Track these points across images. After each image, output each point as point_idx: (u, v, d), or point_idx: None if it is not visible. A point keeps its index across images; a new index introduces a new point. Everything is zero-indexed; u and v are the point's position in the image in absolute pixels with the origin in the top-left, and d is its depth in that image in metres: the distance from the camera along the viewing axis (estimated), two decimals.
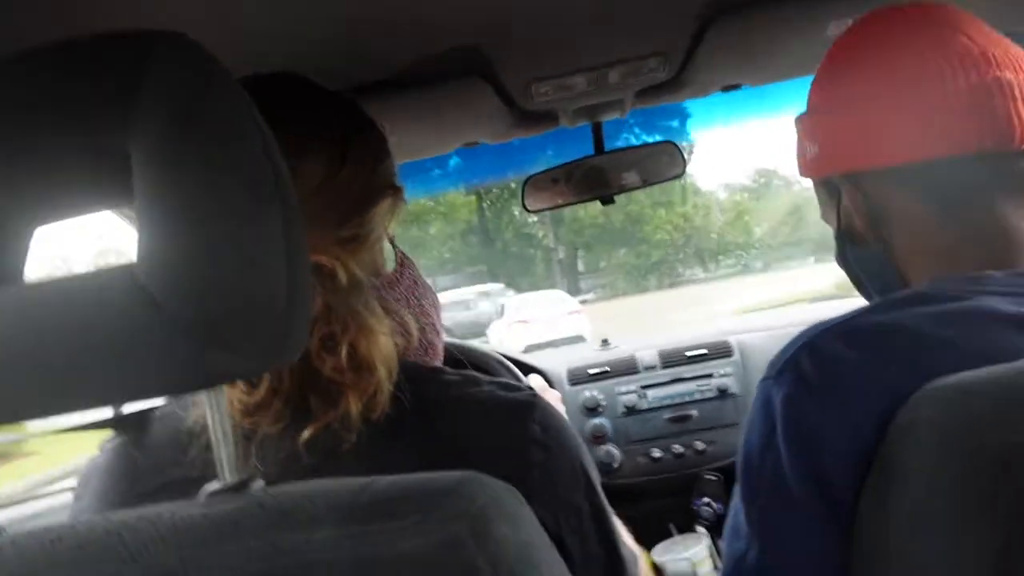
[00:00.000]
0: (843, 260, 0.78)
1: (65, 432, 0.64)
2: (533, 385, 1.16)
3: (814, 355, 0.60)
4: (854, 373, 0.57)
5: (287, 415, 0.59)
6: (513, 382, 0.66)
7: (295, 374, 0.59)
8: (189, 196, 0.40)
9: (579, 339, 9.22)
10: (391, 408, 0.59)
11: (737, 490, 0.67)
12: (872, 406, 0.55)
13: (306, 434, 0.57)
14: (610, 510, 0.69)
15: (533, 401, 0.63)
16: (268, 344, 0.43)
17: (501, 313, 13.82)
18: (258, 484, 0.46)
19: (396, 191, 0.69)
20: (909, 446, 0.51)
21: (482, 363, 1.56)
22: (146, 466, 0.62)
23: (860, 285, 0.78)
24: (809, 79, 0.76)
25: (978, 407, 0.45)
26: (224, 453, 0.46)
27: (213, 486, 0.46)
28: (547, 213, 1.38)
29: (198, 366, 0.41)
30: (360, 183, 0.65)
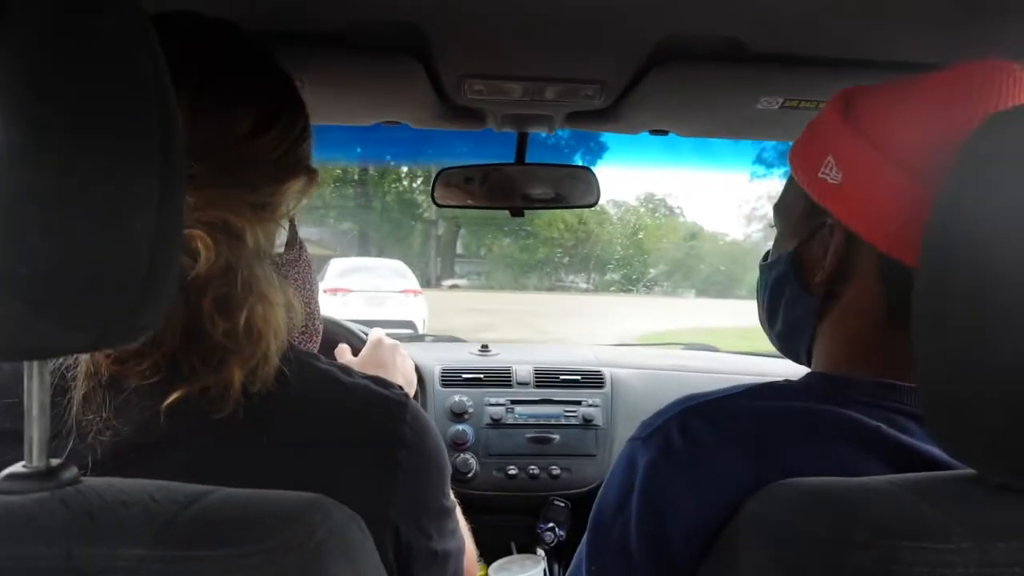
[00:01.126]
0: (772, 285, 0.72)
1: None
2: (373, 336, 1.14)
3: (684, 430, 0.61)
4: (716, 457, 0.59)
5: (163, 370, 0.54)
6: (386, 379, 0.65)
7: (179, 329, 0.54)
8: (49, 132, 0.33)
9: (408, 325, 8.55)
10: (266, 386, 0.56)
11: (584, 540, 0.68)
12: (725, 491, 0.56)
13: (176, 395, 0.53)
14: (454, 504, 0.71)
15: (405, 401, 0.63)
16: (112, 320, 0.37)
17: (322, 275, 10.65)
18: (69, 473, 0.40)
19: (311, 174, 0.67)
20: (748, 537, 0.52)
21: (332, 328, 1.50)
22: None
23: (769, 315, 0.74)
24: (733, 143, 0.76)
25: (819, 516, 0.46)
26: (36, 432, 0.40)
27: (15, 468, 0.39)
28: (432, 178, 1.32)
29: (25, 333, 0.35)
30: (281, 152, 0.63)
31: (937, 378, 0.47)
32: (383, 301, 9.46)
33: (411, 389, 1.12)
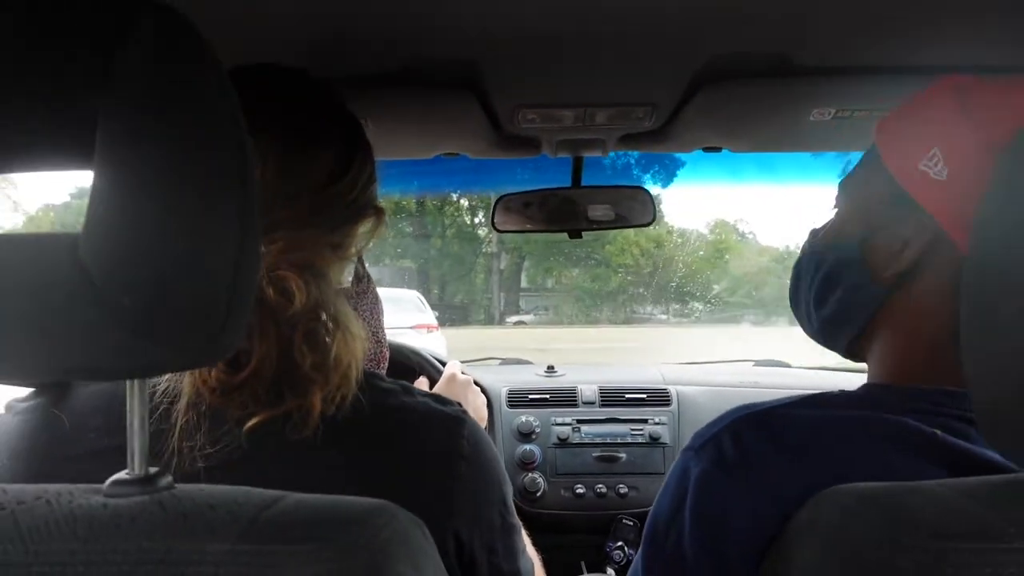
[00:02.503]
0: (832, 267, 0.69)
1: None
2: (449, 371, 1.18)
3: (736, 439, 0.62)
4: (768, 465, 0.59)
5: (262, 402, 0.59)
6: (445, 396, 0.68)
7: (275, 362, 0.59)
8: (148, 176, 0.39)
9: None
10: (342, 411, 0.60)
11: (639, 551, 0.69)
12: (778, 499, 0.57)
13: (257, 419, 0.58)
14: (519, 524, 0.73)
15: (463, 417, 0.66)
16: (201, 343, 0.42)
17: None
18: (166, 480, 0.45)
19: (380, 213, 0.71)
20: (801, 543, 0.53)
21: (401, 357, 1.56)
22: (72, 429, 0.60)
23: (819, 296, 0.71)
24: (787, 155, 0.76)
25: (870, 519, 0.47)
26: (137, 443, 0.45)
27: (120, 476, 0.44)
28: (491, 209, 1.37)
29: (126, 355, 0.40)
30: (355, 195, 0.68)
31: (987, 380, 0.47)
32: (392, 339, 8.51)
33: (482, 424, 1.15)
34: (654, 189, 1.43)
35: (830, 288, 0.70)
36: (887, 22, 0.79)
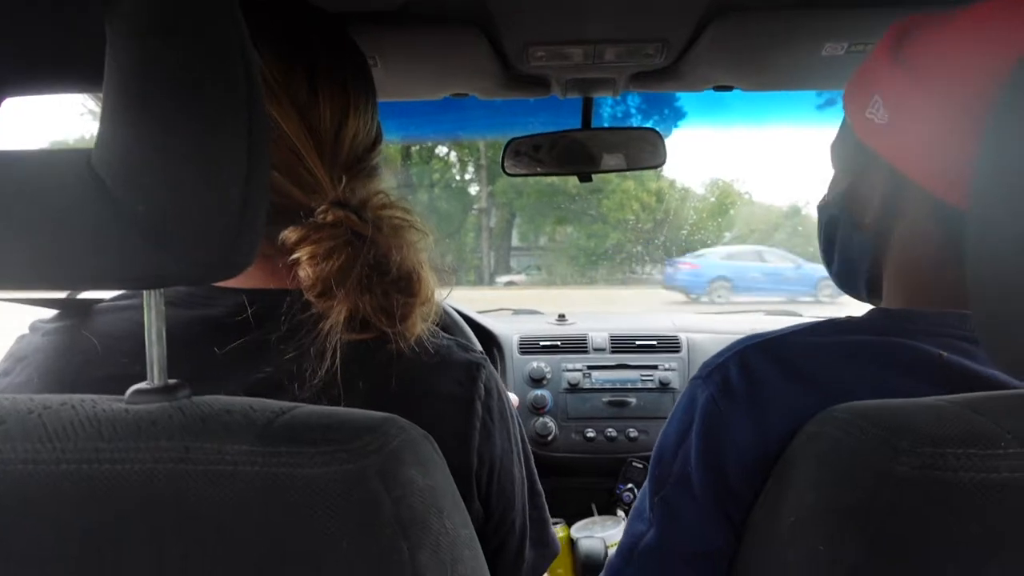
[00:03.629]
0: (827, 224, 0.74)
1: (6, 300, 0.63)
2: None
3: (742, 366, 0.63)
4: (773, 390, 0.60)
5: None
6: (467, 342, 0.69)
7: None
8: (159, 92, 0.39)
9: None
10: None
11: (648, 475, 0.70)
12: (782, 421, 0.58)
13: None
14: (535, 472, 0.74)
15: (483, 364, 0.67)
16: (213, 256, 0.43)
17: None
18: (184, 391, 0.46)
19: (379, 140, 0.73)
20: (803, 459, 0.54)
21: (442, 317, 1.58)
22: (104, 351, 0.61)
23: (826, 254, 0.76)
24: (798, 94, 0.75)
25: (870, 432, 0.48)
26: (155, 354, 0.46)
27: (140, 386, 0.46)
28: (482, 165, 1.37)
29: (142, 263, 0.41)
30: (361, 138, 0.69)
31: (989, 297, 0.47)
32: None
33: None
34: None
35: (831, 244, 0.74)
36: None
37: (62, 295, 0.75)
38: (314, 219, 0.60)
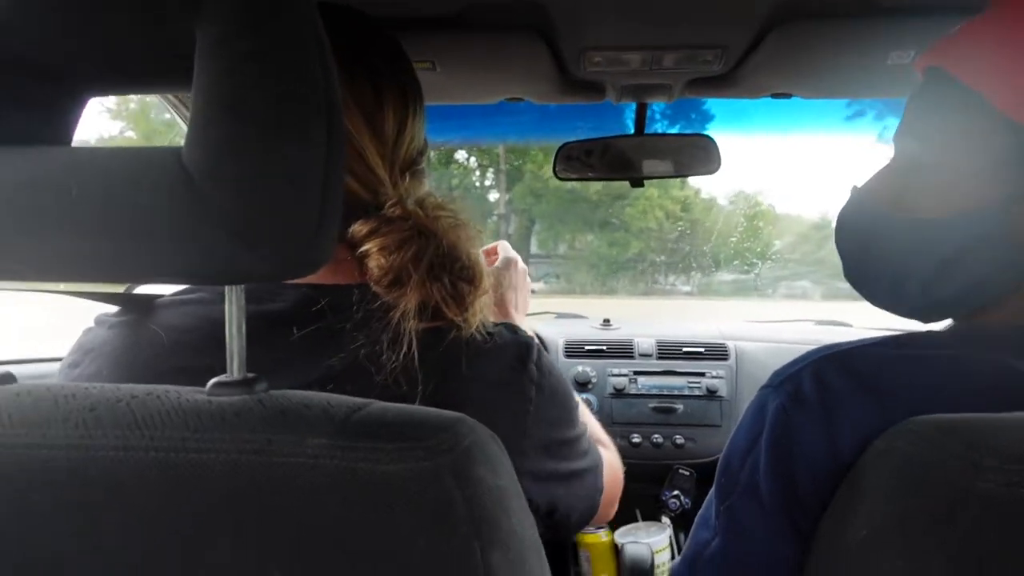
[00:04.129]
0: (960, 245, 0.60)
1: (75, 295, 0.66)
2: (505, 253, 1.14)
3: (815, 378, 0.61)
4: (847, 402, 0.59)
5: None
6: (515, 325, 0.71)
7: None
8: (247, 95, 0.41)
9: None
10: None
11: (714, 483, 0.70)
12: (854, 433, 0.57)
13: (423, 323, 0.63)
14: (584, 429, 0.77)
15: (532, 344, 0.69)
16: (294, 253, 0.44)
17: None
18: (262, 384, 0.48)
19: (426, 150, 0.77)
20: (877, 472, 0.53)
21: None
22: (171, 344, 0.64)
23: (940, 270, 0.62)
24: (827, 104, 0.71)
25: (949, 447, 0.47)
26: (236, 348, 0.48)
27: (220, 378, 0.48)
28: (501, 168, 1.37)
29: (226, 259, 0.43)
30: (415, 147, 0.73)
31: None
32: None
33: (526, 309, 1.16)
34: None
35: (958, 268, 0.61)
36: None
37: (121, 290, 0.78)
38: (384, 213, 0.64)
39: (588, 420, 0.88)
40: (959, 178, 0.60)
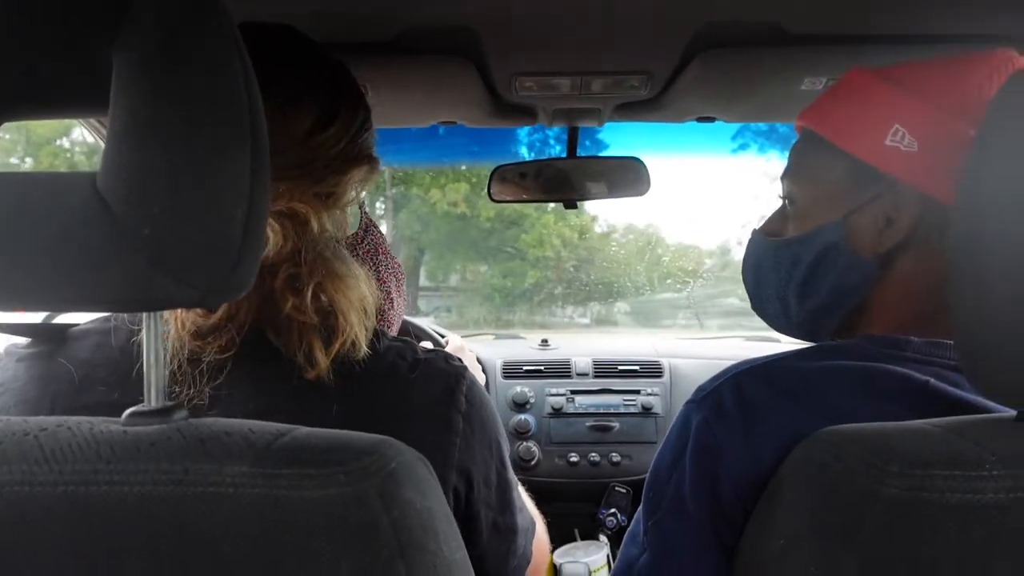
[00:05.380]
0: (818, 255, 0.71)
1: None
2: (452, 343, 1.20)
3: (735, 391, 0.64)
4: (766, 414, 0.61)
5: (236, 345, 0.61)
6: (448, 353, 0.70)
7: (253, 306, 0.61)
8: (163, 118, 0.40)
9: None
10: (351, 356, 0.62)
11: (642, 499, 0.71)
12: (773, 445, 0.59)
13: (272, 367, 0.61)
14: (515, 481, 0.74)
15: (463, 374, 0.68)
16: (215, 278, 0.44)
17: None
18: (181, 413, 0.47)
19: (373, 161, 0.72)
20: (793, 482, 0.55)
21: (412, 330, 1.60)
22: (82, 380, 0.61)
23: (805, 287, 0.72)
24: (776, 125, 0.77)
25: (856, 456, 0.49)
26: (155, 377, 0.47)
27: (137, 408, 0.46)
28: (387, 194, 1.38)
29: (145, 286, 0.42)
30: (342, 146, 0.68)
31: (971, 325, 0.49)
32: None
33: None
34: None
35: (818, 277, 0.71)
36: None
37: (37, 319, 0.75)
38: None
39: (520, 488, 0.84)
40: (815, 203, 0.73)
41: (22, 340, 0.66)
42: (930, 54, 0.68)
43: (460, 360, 0.70)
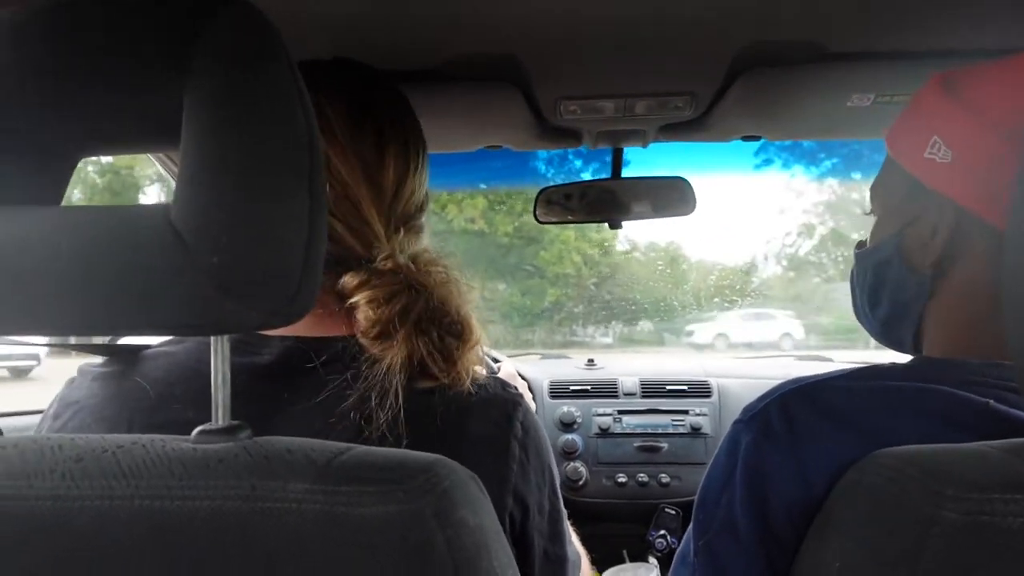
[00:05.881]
0: (875, 269, 0.73)
1: (62, 347, 0.66)
2: (505, 369, 1.21)
3: (783, 411, 0.63)
4: (815, 434, 0.61)
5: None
6: (504, 380, 0.70)
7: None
8: (231, 157, 0.43)
9: None
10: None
11: (692, 520, 0.70)
12: (824, 466, 0.58)
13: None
14: (564, 511, 0.74)
15: (520, 402, 0.68)
16: (278, 303, 0.46)
17: None
18: (245, 432, 0.49)
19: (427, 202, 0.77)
20: (848, 504, 0.54)
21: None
22: (157, 398, 0.64)
23: (871, 300, 0.75)
24: (825, 143, 0.77)
25: (913, 478, 0.48)
26: (221, 397, 0.49)
27: (205, 427, 0.49)
28: None
29: (214, 310, 0.44)
30: (417, 199, 0.74)
31: None
32: None
33: None
34: None
35: (878, 290, 0.73)
36: (921, 6, 0.80)
37: (105, 340, 0.79)
38: (375, 265, 0.64)
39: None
40: (884, 215, 0.74)
41: (96, 359, 0.69)
42: None
43: (516, 388, 0.70)
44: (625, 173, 1.38)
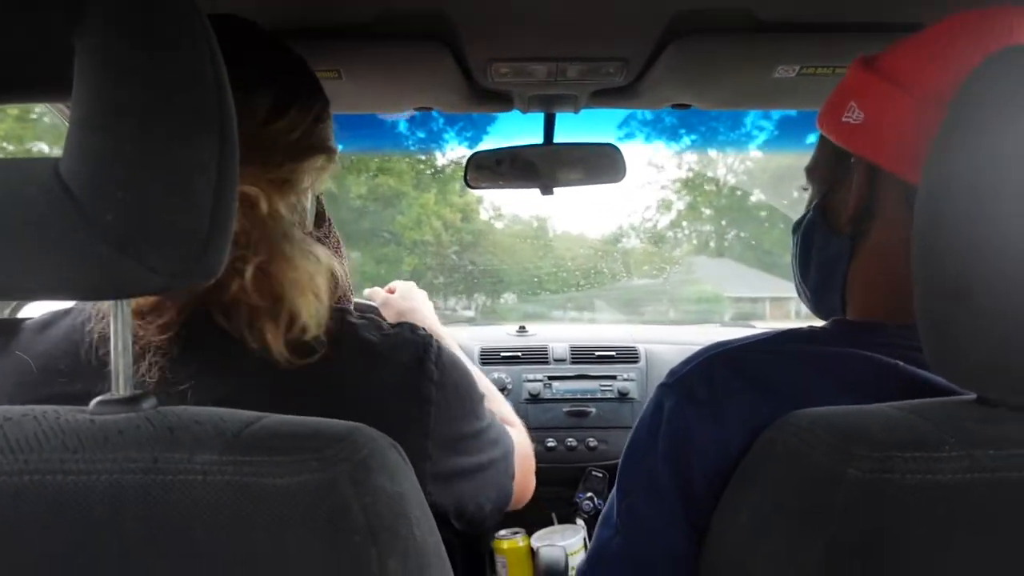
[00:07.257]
0: (803, 236, 0.76)
1: None
2: (405, 284, 1.26)
3: (705, 375, 0.65)
4: (734, 399, 0.62)
5: (177, 326, 0.61)
6: (412, 323, 0.70)
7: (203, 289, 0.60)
8: (129, 104, 0.40)
9: None
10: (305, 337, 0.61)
11: (616, 482, 0.72)
12: (743, 428, 0.60)
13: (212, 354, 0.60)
14: (488, 420, 0.76)
15: (431, 342, 0.68)
16: (183, 264, 0.43)
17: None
18: (150, 401, 0.46)
19: (330, 152, 0.72)
20: (762, 461, 0.56)
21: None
22: (40, 372, 0.61)
23: (802, 269, 0.77)
24: (751, 113, 0.78)
25: (823, 439, 0.50)
26: (122, 365, 0.46)
27: (104, 396, 0.46)
28: None
29: (111, 273, 0.41)
30: (298, 134, 0.68)
31: (934, 308, 0.50)
32: None
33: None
34: None
35: (807, 256, 0.76)
36: None
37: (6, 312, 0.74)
38: None
39: (495, 403, 0.88)
40: (813, 185, 0.77)
41: None
42: None
43: (424, 330, 0.70)
44: (495, 137, 1.36)
